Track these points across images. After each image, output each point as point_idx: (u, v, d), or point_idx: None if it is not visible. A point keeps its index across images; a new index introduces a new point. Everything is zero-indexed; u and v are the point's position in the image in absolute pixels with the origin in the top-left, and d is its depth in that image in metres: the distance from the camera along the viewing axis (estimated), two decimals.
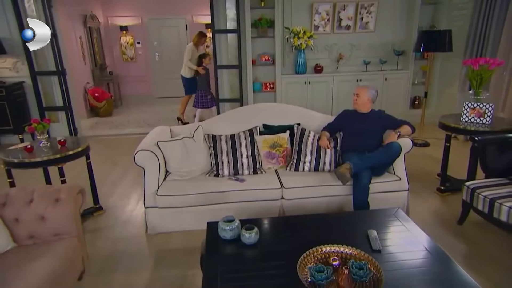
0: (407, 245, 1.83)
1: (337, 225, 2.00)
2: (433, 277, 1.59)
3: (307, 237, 1.85)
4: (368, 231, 1.86)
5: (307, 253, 1.61)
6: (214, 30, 5.29)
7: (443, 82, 5.70)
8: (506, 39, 4.26)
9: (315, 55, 5.65)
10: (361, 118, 3.03)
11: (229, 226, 1.82)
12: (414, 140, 4.90)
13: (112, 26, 8.70)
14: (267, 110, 3.43)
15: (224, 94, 5.74)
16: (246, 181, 2.83)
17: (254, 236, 1.78)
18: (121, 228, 2.89)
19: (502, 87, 4.35)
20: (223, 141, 3.04)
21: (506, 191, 2.45)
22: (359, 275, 1.45)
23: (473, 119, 3.15)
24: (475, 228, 2.74)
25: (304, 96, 5.56)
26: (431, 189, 3.42)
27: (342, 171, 2.58)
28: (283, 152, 3.09)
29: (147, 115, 7.28)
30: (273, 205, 2.78)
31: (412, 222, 2.01)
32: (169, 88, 9.29)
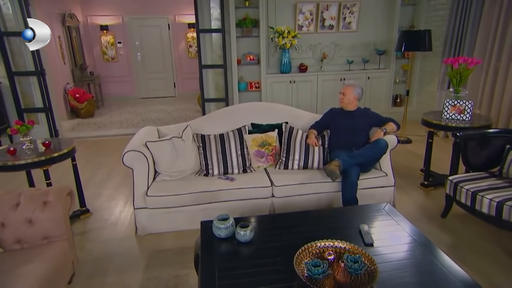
0: (398, 238, 1.88)
1: (329, 221, 2.04)
2: (424, 268, 1.64)
3: (301, 233, 1.87)
4: (360, 225, 1.91)
5: (302, 248, 1.63)
6: (198, 30, 5.27)
7: (423, 81, 5.87)
8: (482, 39, 4.43)
9: (300, 54, 5.71)
10: (347, 116, 3.09)
11: (224, 225, 1.82)
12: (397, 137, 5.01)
13: (91, 25, 8.51)
14: (255, 109, 3.45)
15: (209, 94, 5.71)
16: (236, 180, 2.84)
17: (249, 233, 1.80)
18: (110, 230, 2.84)
19: (479, 85, 4.53)
20: (212, 141, 3.04)
21: (486, 184, 2.56)
22: (354, 268, 1.48)
23: (454, 116, 3.27)
24: (458, 221, 2.84)
25: (289, 95, 5.61)
26: (415, 184, 3.52)
27: (331, 168, 2.62)
28: (272, 150, 3.11)
29: (130, 116, 7.16)
30: (263, 203, 2.80)
31: (401, 216, 2.07)
32: (152, 89, 9.19)
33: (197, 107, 7.56)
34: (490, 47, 4.33)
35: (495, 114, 4.30)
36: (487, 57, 4.37)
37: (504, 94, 4.16)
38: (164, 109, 7.87)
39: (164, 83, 9.32)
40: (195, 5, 5.13)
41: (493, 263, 2.31)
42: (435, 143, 3.59)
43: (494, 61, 4.28)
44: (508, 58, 4.10)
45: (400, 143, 4.90)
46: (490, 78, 4.36)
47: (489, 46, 4.34)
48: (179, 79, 9.37)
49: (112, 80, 8.91)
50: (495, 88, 4.31)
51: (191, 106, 8.04)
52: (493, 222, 2.42)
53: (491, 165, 2.85)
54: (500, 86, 4.21)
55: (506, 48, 4.11)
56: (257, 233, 1.90)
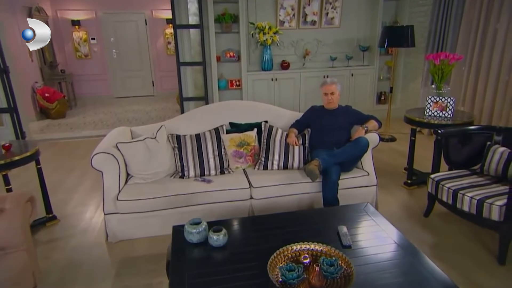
0: (377, 239, 1.89)
1: (307, 222, 2.03)
2: (402, 269, 1.65)
3: (278, 236, 1.86)
4: (338, 227, 1.91)
5: (277, 252, 1.62)
6: (175, 25, 5.20)
7: (407, 78, 5.96)
8: (464, 35, 4.52)
9: (281, 51, 5.71)
10: (328, 114, 3.09)
11: (196, 229, 1.79)
12: (381, 135, 5.05)
13: (62, 20, 8.29)
14: (233, 108, 3.43)
15: (188, 93, 5.66)
16: (213, 181, 2.81)
17: (223, 238, 1.77)
18: (79, 237, 2.76)
19: (461, 81, 4.62)
20: (188, 141, 3.00)
21: (467, 182, 2.60)
22: (330, 272, 1.48)
23: (436, 113, 3.32)
24: (441, 220, 2.89)
25: (271, 93, 5.61)
26: (398, 183, 3.56)
27: (311, 168, 2.62)
28: (251, 150, 3.09)
29: (105, 116, 7.02)
30: (242, 205, 2.78)
31: (381, 216, 2.08)
32: (129, 87, 9.04)
33: (177, 107, 7.46)
34: (472, 43, 4.43)
35: (478, 111, 4.40)
36: (469, 53, 4.47)
37: (487, 91, 4.26)
38: (141, 109, 7.75)
39: (142, 82, 9.18)
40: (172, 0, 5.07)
41: (474, 261, 2.36)
42: (419, 141, 3.65)
43: (476, 57, 4.38)
44: (490, 54, 4.20)
45: (384, 141, 4.97)
46: (472, 75, 4.45)
47: (471, 42, 4.44)
48: (158, 77, 9.25)
49: (86, 78, 8.71)
50: (477, 85, 4.41)
51: (170, 106, 7.94)
52: (474, 220, 2.47)
53: (473, 162, 2.90)
54: (482, 83, 4.31)
55: (487, 44, 4.21)
56: (232, 237, 1.87)
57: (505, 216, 2.25)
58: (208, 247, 1.79)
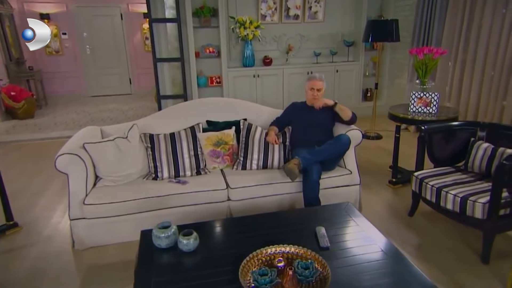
0: (356, 240, 1.88)
1: (285, 223, 2.01)
2: (382, 271, 1.64)
3: (253, 239, 1.83)
4: (316, 228, 1.89)
5: (250, 256, 1.59)
6: (151, 19, 5.13)
7: (393, 73, 6.03)
8: (449, 29, 4.60)
9: (263, 46, 5.70)
10: (310, 111, 3.08)
11: (165, 233, 1.75)
12: (367, 133, 5.13)
13: (29, 13, 8.03)
14: (211, 105, 3.39)
15: (165, 90, 5.59)
16: (188, 183, 2.77)
17: (193, 242, 1.73)
18: (43, 245, 2.67)
19: (447, 77, 4.69)
20: (162, 141, 2.95)
21: (451, 179, 2.63)
22: (304, 275, 1.45)
23: (420, 109, 3.35)
24: (425, 219, 2.91)
25: (253, 90, 5.59)
26: (383, 182, 3.58)
27: (290, 167, 2.60)
28: (229, 149, 3.06)
29: (78, 116, 6.87)
30: (219, 207, 2.74)
31: (362, 216, 2.07)
32: (105, 85, 8.89)
33: (155, 105, 7.35)
34: (457, 38, 4.50)
35: (463, 107, 4.47)
36: (454, 47, 4.55)
37: (472, 87, 4.33)
38: (118, 107, 7.62)
39: (119, 79, 9.04)
40: None
41: (458, 260, 2.38)
42: (405, 138, 3.67)
43: (461, 52, 4.46)
44: (475, 49, 4.27)
45: (370, 139, 5.01)
46: (458, 70, 4.53)
47: (456, 37, 4.52)
48: (135, 75, 9.12)
49: (57, 76, 8.51)
50: (463, 80, 4.48)
51: (148, 104, 7.84)
52: (458, 219, 2.49)
53: (457, 159, 2.94)
54: (467, 78, 4.39)
55: (472, 39, 4.28)
56: (204, 241, 1.83)
57: (488, 214, 2.28)
58: (178, 252, 1.75)
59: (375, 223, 2.00)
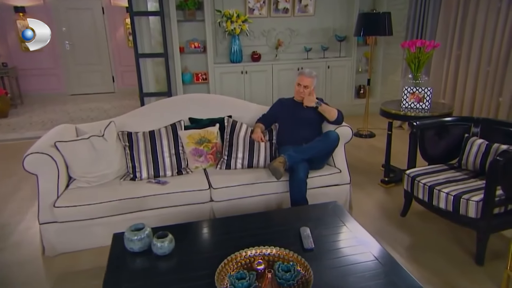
0: (343, 241, 1.85)
1: (267, 224, 1.98)
2: (369, 273, 1.61)
3: (233, 241, 1.80)
4: (300, 229, 1.86)
5: (228, 259, 1.55)
6: (132, 12, 5.07)
7: (386, 69, 6.04)
8: (443, 23, 4.61)
9: (252, 41, 5.67)
10: (298, 107, 3.06)
11: (137, 236, 1.70)
12: (359, 131, 5.13)
13: (3, 6, 7.85)
14: (194, 102, 3.35)
15: (148, 87, 5.54)
16: (168, 183, 2.72)
17: (168, 244, 1.68)
18: (10, 252, 2.59)
19: (441, 72, 4.71)
20: (141, 139, 2.90)
21: (444, 177, 2.62)
22: (285, 279, 1.42)
23: (413, 104, 3.34)
24: (418, 219, 2.90)
25: (241, 87, 5.56)
26: (375, 181, 3.58)
27: (275, 165, 2.57)
28: (212, 148, 3.02)
29: (56, 115, 6.76)
30: (201, 209, 2.70)
31: (349, 216, 2.05)
32: (86, 84, 8.78)
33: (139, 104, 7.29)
34: (452, 32, 4.51)
35: (459, 103, 4.48)
36: (449, 42, 4.56)
37: (467, 82, 4.34)
38: (99, 106, 7.53)
39: (101, 77, 8.94)
40: None
41: (451, 262, 2.36)
42: (399, 136, 3.67)
43: (456, 47, 4.47)
44: (469, 44, 4.28)
45: (363, 137, 5.01)
46: (452, 65, 4.54)
47: (450, 31, 4.53)
48: (118, 72, 9.02)
49: (34, 73, 8.36)
50: (457, 76, 4.50)
51: (132, 103, 7.75)
52: (451, 218, 2.48)
53: (451, 156, 2.93)
54: (462, 74, 4.40)
55: (466, 33, 4.29)
56: (181, 243, 1.79)
57: (482, 213, 2.26)
58: (152, 256, 1.70)
59: (365, 224, 1.99)
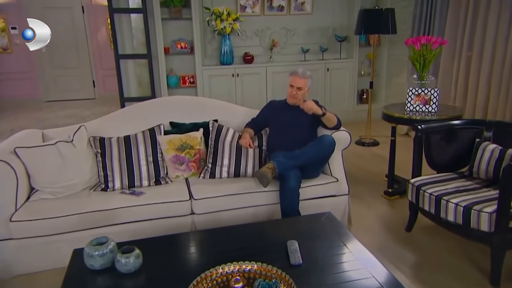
0: (336, 256, 1.79)
1: (250, 238, 1.93)
2: None
3: (210, 256, 1.75)
4: (287, 242, 1.79)
5: (201, 276, 1.47)
6: (112, 9, 5.05)
7: (391, 72, 6.03)
8: (452, 21, 4.59)
9: (244, 41, 5.68)
10: (290, 110, 3.03)
11: (99, 251, 1.62)
12: (362, 139, 5.08)
13: None
14: (176, 105, 3.34)
15: (130, 92, 5.51)
16: (144, 194, 2.66)
17: (134, 261, 1.60)
18: None
19: (451, 74, 4.68)
20: (114, 145, 2.85)
21: (453, 187, 2.55)
22: None
23: (418, 107, 3.30)
24: (425, 234, 2.84)
25: (233, 91, 5.54)
26: (378, 193, 3.53)
27: (262, 170, 2.52)
28: (195, 155, 2.96)
29: (29, 122, 6.69)
30: (181, 223, 2.64)
31: (344, 228, 2.00)
32: (64, 89, 8.72)
33: None
34: (461, 31, 4.50)
35: (471, 106, 4.43)
36: (459, 40, 4.54)
37: (479, 84, 4.30)
38: (77, 113, 7.46)
39: (80, 82, 8.89)
40: None
41: (461, 282, 2.29)
42: (405, 144, 3.62)
43: (466, 46, 4.44)
44: (481, 44, 4.26)
45: (365, 146, 4.98)
46: (463, 66, 4.50)
47: (460, 30, 4.51)
48: (100, 77, 8.99)
49: (5, 77, 8.29)
50: (468, 79, 4.46)
51: (113, 109, 7.63)
52: (461, 233, 2.42)
53: (461, 164, 2.88)
54: (474, 75, 4.36)
55: (478, 32, 4.26)
56: (149, 259, 1.71)
57: (495, 226, 2.19)
58: (116, 274, 1.61)
59: (366, 240, 1.94)
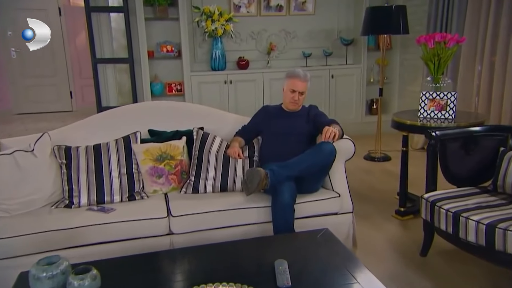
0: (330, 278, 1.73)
1: (234, 256, 1.92)
2: None
3: (183, 277, 1.73)
4: (275, 262, 1.71)
5: None
6: (89, 8, 5.10)
7: (405, 79, 6.04)
8: (471, 22, 4.58)
9: (238, 45, 5.74)
10: (286, 116, 3.03)
11: (47, 272, 1.53)
12: (371, 153, 5.03)
13: None
14: (157, 111, 3.31)
15: (109, 100, 5.53)
16: (115, 210, 2.60)
17: (90, 283, 1.51)
18: None
19: (473, 81, 4.64)
20: (82, 155, 2.80)
21: (474, 202, 2.48)
22: None
23: (433, 113, 3.26)
24: (443, 259, 2.78)
25: (225, 100, 5.58)
26: (388, 212, 3.50)
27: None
28: (176, 167, 2.91)
29: None
30: (157, 244, 2.54)
31: (343, 246, 1.94)
32: (37, 100, 8.72)
33: None
34: (483, 32, 4.49)
35: (496, 114, 4.36)
36: (480, 45, 4.52)
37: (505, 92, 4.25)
38: (50, 127, 7.30)
39: (56, 93, 8.90)
40: None
41: None
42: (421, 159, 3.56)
43: (489, 50, 4.41)
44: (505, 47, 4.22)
45: (375, 161, 4.98)
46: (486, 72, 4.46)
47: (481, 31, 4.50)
48: (78, 87, 8.99)
49: None
50: (493, 84, 4.43)
51: None
52: (484, 256, 2.34)
53: (483, 177, 2.83)
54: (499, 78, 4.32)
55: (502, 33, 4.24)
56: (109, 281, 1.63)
57: None
58: None
59: (373, 265, 1.90)
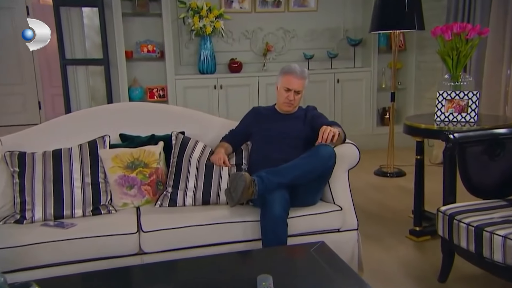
0: None
1: (212, 271, 1.93)
2: None
3: None
4: (257, 278, 1.66)
5: None
6: (57, 1, 5.13)
7: (421, 84, 6.06)
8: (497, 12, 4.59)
9: (230, 45, 5.79)
10: (279, 119, 3.04)
11: None
12: (382, 168, 5.00)
13: None
14: (130, 113, 3.31)
15: (80, 107, 5.51)
16: (75, 226, 2.55)
17: None
18: None
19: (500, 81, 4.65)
20: (38, 162, 2.77)
21: (500, 216, 2.43)
22: None
23: (452, 116, 3.25)
24: (465, 284, 2.75)
25: (215, 107, 5.62)
26: (402, 233, 3.49)
27: (236, 176, 2.44)
28: (151, 176, 2.87)
29: None
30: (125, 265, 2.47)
31: (342, 262, 1.89)
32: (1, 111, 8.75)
33: None
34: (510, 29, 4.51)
35: None
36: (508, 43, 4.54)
37: None
38: None
39: (22, 103, 8.93)
40: None
41: None
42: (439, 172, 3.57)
43: None
44: None
45: (388, 177, 4.98)
46: None
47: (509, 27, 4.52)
48: (48, 96, 9.03)
49: None
50: None
51: None
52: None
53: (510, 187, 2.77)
54: None
55: None
56: None
57: None
58: None
59: None
